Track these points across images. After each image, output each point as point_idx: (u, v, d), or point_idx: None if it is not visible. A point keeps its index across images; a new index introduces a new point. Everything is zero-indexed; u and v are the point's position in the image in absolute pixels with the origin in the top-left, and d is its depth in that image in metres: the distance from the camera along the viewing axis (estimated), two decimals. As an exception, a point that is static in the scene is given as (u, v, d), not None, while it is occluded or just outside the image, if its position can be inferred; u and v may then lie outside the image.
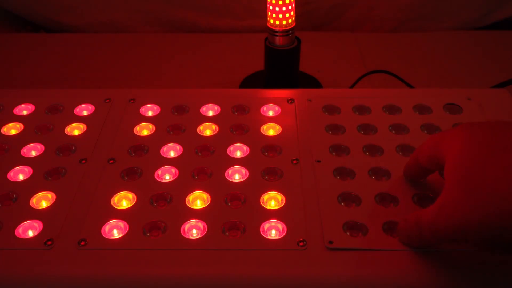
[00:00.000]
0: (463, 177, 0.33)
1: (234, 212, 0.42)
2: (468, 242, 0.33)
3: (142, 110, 0.54)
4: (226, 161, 0.47)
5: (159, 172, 0.47)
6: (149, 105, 0.55)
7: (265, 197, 0.44)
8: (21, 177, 0.46)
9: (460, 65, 0.81)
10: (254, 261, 0.38)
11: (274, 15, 0.64)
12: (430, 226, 0.35)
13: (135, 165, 0.47)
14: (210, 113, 0.54)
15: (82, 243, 0.40)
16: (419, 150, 0.41)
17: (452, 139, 0.36)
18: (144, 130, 0.52)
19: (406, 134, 0.51)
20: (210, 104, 0.55)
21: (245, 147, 0.49)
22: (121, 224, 0.41)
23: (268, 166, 0.47)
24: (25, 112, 0.54)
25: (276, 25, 0.64)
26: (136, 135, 0.51)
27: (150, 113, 0.54)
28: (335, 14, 0.92)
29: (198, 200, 0.44)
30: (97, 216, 0.42)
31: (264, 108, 0.54)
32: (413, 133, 0.51)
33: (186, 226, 0.41)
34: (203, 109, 0.54)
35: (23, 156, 0.49)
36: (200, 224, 0.41)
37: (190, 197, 0.44)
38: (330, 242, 0.39)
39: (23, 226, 0.41)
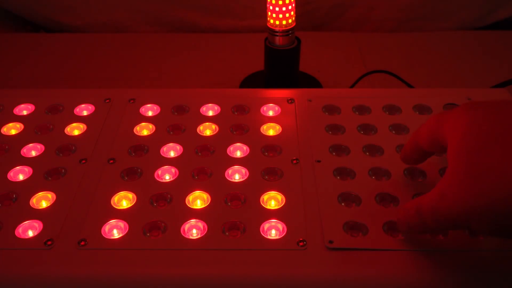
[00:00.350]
0: (467, 161, 0.32)
1: (234, 212, 0.42)
2: (471, 227, 0.32)
3: (142, 110, 0.54)
4: (226, 161, 0.47)
5: (159, 172, 0.47)
6: (149, 105, 0.55)
7: (265, 197, 0.44)
8: (21, 177, 0.46)
9: (460, 65, 0.81)
10: (254, 261, 0.38)
11: (274, 15, 0.64)
12: (432, 212, 0.34)
13: (135, 165, 0.47)
14: (210, 113, 0.54)
15: (82, 243, 0.40)
16: (418, 133, 0.40)
17: (454, 120, 0.35)
18: (144, 130, 0.52)
19: (406, 134, 0.51)
20: (210, 104, 0.55)
21: (245, 147, 0.49)
22: (121, 224, 0.41)
23: (268, 166, 0.47)
24: (25, 112, 0.54)
25: (276, 25, 0.64)
26: (136, 135, 0.51)
27: (150, 113, 0.54)
28: (335, 14, 0.92)
29: (198, 200, 0.44)
30: (97, 216, 0.42)
31: (264, 108, 0.54)
32: (413, 133, 0.51)
33: (186, 226, 0.41)
34: (203, 109, 0.54)
35: (23, 156, 0.49)
36: (200, 224, 0.41)
37: (190, 197, 0.44)
38: (330, 242, 0.39)
39: (23, 226, 0.41)
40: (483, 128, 0.32)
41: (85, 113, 0.54)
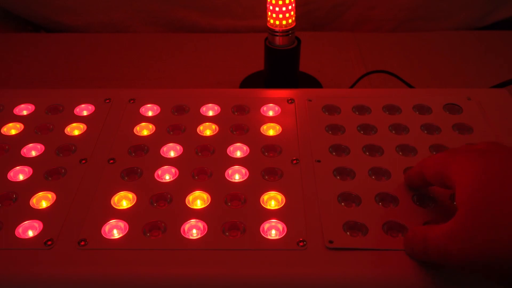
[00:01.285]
0: (479, 208, 0.32)
1: (234, 212, 0.42)
2: (476, 273, 0.32)
3: (142, 110, 0.54)
4: (226, 161, 0.47)
5: (159, 172, 0.47)
6: (149, 105, 0.55)
7: (265, 197, 0.44)
8: (21, 177, 0.46)
9: (460, 65, 0.81)
10: (254, 261, 0.38)
11: (274, 15, 0.64)
12: (439, 250, 0.34)
13: (135, 165, 0.47)
14: (210, 113, 0.54)
15: (82, 243, 0.40)
16: (425, 164, 0.40)
17: (466, 164, 0.35)
18: (144, 130, 0.52)
19: (406, 134, 0.51)
20: (210, 104, 0.55)
21: (245, 147, 0.49)
22: (121, 224, 0.41)
23: (268, 166, 0.47)
24: (25, 112, 0.54)
25: (276, 25, 0.64)
26: (136, 135, 0.51)
27: (150, 113, 0.54)
28: (335, 14, 0.92)
29: (198, 200, 0.44)
30: (97, 216, 0.42)
31: (264, 108, 0.54)
32: (413, 133, 0.51)
33: (186, 226, 0.41)
34: (203, 109, 0.54)
35: (23, 156, 0.49)
36: (200, 224, 0.41)
37: (190, 197, 0.44)
38: (330, 242, 0.39)
39: (23, 226, 0.41)
40: (495, 178, 0.32)
41: (85, 113, 0.54)
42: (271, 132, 0.51)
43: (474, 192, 0.33)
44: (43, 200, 0.44)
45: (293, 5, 0.64)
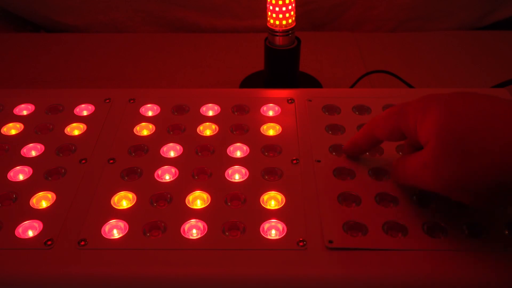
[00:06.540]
0: (448, 139, 0.34)
1: (234, 212, 0.42)
2: (451, 196, 0.36)
3: (142, 110, 0.54)
4: (226, 161, 0.47)
5: (159, 172, 0.47)
6: (149, 105, 0.55)
7: (265, 197, 0.44)
8: (21, 177, 0.46)
9: (460, 65, 0.81)
10: (254, 261, 0.38)
11: (274, 15, 0.64)
12: (416, 178, 0.38)
13: (135, 165, 0.47)
14: (210, 113, 0.54)
15: (82, 243, 0.40)
16: (374, 125, 0.43)
17: (425, 111, 0.37)
18: (144, 130, 0.52)
19: (406, 134, 0.51)
20: (210, 104, 0.55)
21: (245, 147, 0.49)
22: (121, 224, 0.41)
23: (268, 166, 0.47)
24: (25, 112, 0.54)
25: (276, 25, 0.64)
26: (136, 135, 0.51)
27: (150, 113, 0.54)
28: (335, 14, 0.92)
29: (198, 200, 0.44)
30: (97, 216, 0.42)
31: (264, 108, 0.54)
32: (413, 133, 0.50)
33: (186, 226, 0.41)
34: (203, 109, 0.54)
35: (23, 156, 0.49)
36: (200, 224, 0.41)
37: (190, 197, 0.44)
38: (330, 242, 0.39)
39: (23, 226, 0.41)
40: (464, 118, 0.35)
41: (85, 113, 0.54)
42: (271, 132, 0.51)
43: (442, 125, 0.35)
44: (43, 200, 0.44)
45: (293, 5, 0.64)
